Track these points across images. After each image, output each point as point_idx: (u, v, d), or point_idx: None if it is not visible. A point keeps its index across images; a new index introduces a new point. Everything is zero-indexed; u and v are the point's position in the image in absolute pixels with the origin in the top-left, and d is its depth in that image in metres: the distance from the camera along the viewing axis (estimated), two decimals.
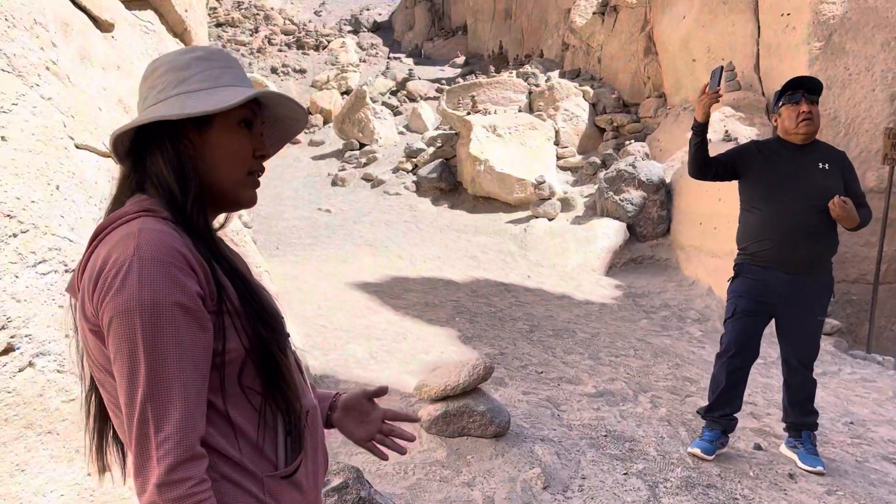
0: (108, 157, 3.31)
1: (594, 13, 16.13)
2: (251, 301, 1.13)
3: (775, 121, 3.76)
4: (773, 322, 3.72)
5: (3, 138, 2.61)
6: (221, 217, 1.31)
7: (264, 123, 1.30)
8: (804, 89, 3.60)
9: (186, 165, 1.14)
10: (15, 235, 2.46)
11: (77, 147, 3.03)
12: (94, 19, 4.09)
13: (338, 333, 5.54)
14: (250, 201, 1.26)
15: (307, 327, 5.49)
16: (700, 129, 3.63)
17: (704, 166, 3.72)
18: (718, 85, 3.51)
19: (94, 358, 1.09)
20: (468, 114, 14.12)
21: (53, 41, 3.28)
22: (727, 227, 8.46)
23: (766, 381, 5.46)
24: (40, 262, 2.54)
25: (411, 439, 1.50)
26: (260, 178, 1.28)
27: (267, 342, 1.13)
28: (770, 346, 5.21)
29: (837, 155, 3.71)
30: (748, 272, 3.68)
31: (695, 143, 3.66)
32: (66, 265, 2.66)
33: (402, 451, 1.47)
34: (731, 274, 3.83)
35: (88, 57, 3.66)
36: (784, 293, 3.55)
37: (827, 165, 3.58)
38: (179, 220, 1.10)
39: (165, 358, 0.98)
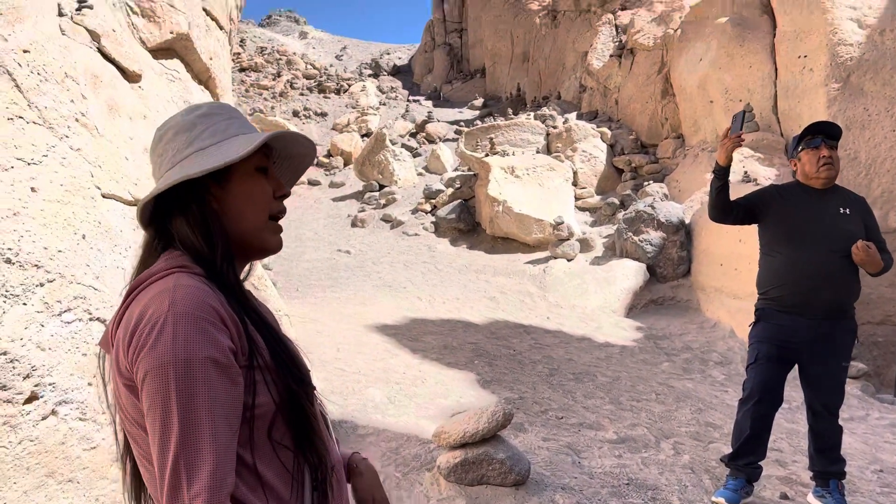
0: (133, 204, 3.38)
1: (611, 56, 16.32)
2: (281, 355, 1.15)
3: (794, 165, 3.75)
4: (796, 367, 3.66)
5: (33, 189, 2.68)
6: (246, 267, 1.33)
7: (275, 163, 1.34)
8: (823, 134, 3.60)
9: (213, 223, 1.17)
10: (42, 285, 2.50)
11: (103, 196, 3.10)
12: (123, 70, 4.22)
13: (356, 377, 5.53)
14: (276, 246, 1.28)
15: (326, 371, 5.49)
16: (722, 173, 3.61)
17: (726, 210, 3.70)
18: (741, 129, 3.50)
19: (126, 412, 1.10)
20: (486, 155, 14.24)
21: (83, 93, 3.38)
22: (748, 268, 8.39)
23: (791, 426, 5.34)
24: (65, 311, 2.58)
25: None
26: (281, 221, 1.31)
27: (298, 396, 1.14)
28: (794, 390, 5.11)
29: (857, 200, 3.68)
30: (770, 317, 3.63)
31: (716, 186, 3.65)
32: (90, 313, 2.69)
33: None
34: (753, 316, 3.78)
35: (116, 107, 3.76)
36: (807, 339, 3.50)
37: (847, 210, 3.56)
38: (211, 275, 1.13)
39: (198, 413, 0.98)
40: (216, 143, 1.19)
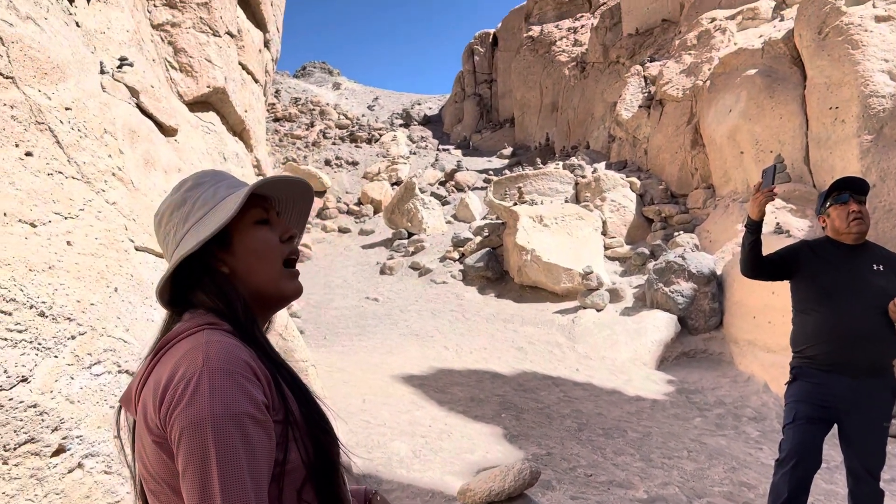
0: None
1: (640, 106, 16.41)
2: (311, 412, 1.15)
3: (823, 221, 3.70)
4: (835, 427, 3.54)
5: (68, 243, 2.74)
6: (269, 319, 1.34)
7: (280, 212, 1.34)
8: (851, 189, 3.55)
9: (226, 287, 1.19)
10: (73, 338, 2.54)
11: (136, 249, 3.16)
12: (160, 125, 4.35)
13: (381, 430, 5.47)
14: (295, 292, 1.28)
15: (351, 423, 5.44)
16: (754, 228, 3.58)
17: (758, 265, 3.66)
18: (772, 183, 3.47)
19: (150, 469, 1.09)
20: (515, 204, 14.29)
21: (121, 148, 3.48)
22: (781, 321, 8.22)
23: (829, 487, 5.14)
24: (95, 364, 2.61)
25: None
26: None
27: (328, 452, 1.14)
28: (832, 448, 4.94)
29: (890, 256, 3.61)
30: (808, 376, 3.54)
31: (749, 241, 3.61)
32: (119, 366, 2.72)
33: None
34: (788, 370, 3.69)
35: (152, 161, 3.86)
36: (846, 398, 3.40)
37: (881, 266, 3.49)
38: (237, 331, 1.13)
39: (239, 469, 0.97)
40: (209, 212, 1.20)
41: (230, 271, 1.21)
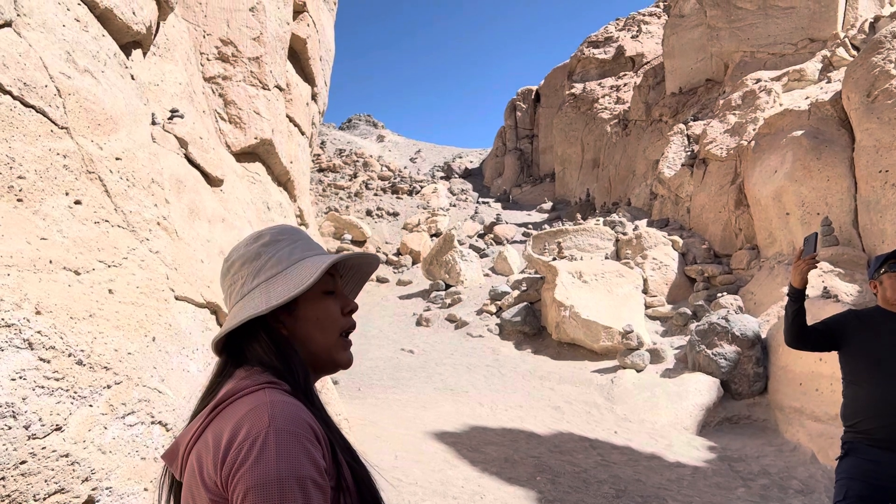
0: (204, 307, 3.46)
1: (682, 165, 16.31)
2: (362, 478, 1.14)
3: (874, 288, 3.56)
4: None
5: (110, 291, 2.76)
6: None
7: (342, 276, 1.35)
8: None
9: (289, 350, 1.18)
10: (109, 387, 2.54)
11: (176, 298, 3.18)
12: (206, 175, 4.44)
13: (413, 489, 5.34)
14: (348, 362, 1.28)
15: (382, 481, 5.33)
16: (797, 296, 3.48)
17: (802, 335, 3.54)
18: (814, 250, 3.39)
19: None
20: (554, 259, 14.19)
21: (167, 198, 3.55)
22: (829, 388, 7.90)
23: None
24: (129, 414, 2.60)
25: None
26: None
27: None
28: None
29: None
30: (861, 452, 3.36)
31: (792, 309, 3.50)
32: (152, 416, 2.71)
33: None
34: (836, 440, 3.52)
35: (196, 211, 3.93)
36: None
37: None
38: (298, 394, 1.12)
39: None
40: (281, 272, 1.20)
41: (289, 333, 1.21)
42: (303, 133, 8.92)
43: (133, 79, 3.72)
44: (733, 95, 15.90)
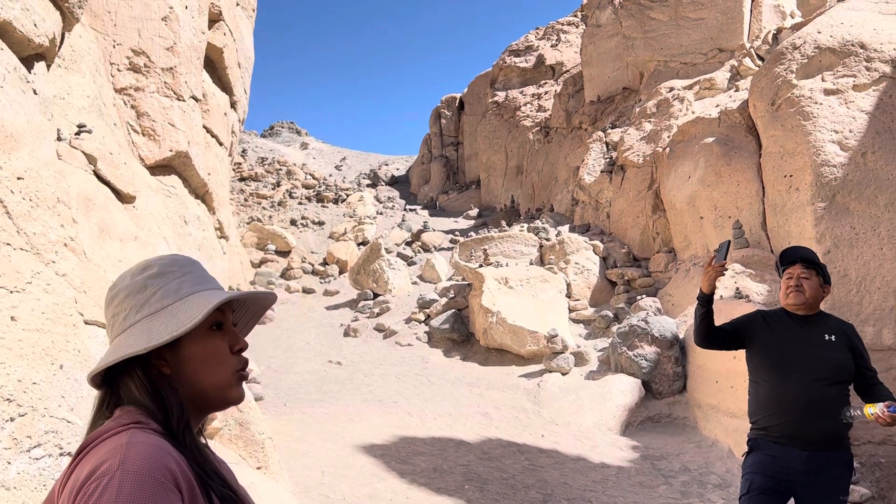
0: None
1: (602, 171, 16.77)
2: None
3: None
4: (792, 500, 3.51)
5: (12, 318, 2.63)
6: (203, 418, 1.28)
7: (235, 311, 1.30)
8: (799, 259, 3.63)
9: (163, 388, 1.14)
10: (12, 419, 2.42)
11: (86, 323, 3.06)
12: (117, 192, 4.28)
13: None
14: (239, 399, 1.23)
15: (309, 497, 5.26)
16: (706, 300, 3.65)
17: (710, 336, 3.72)
18: (725, 258, 3.55)
19: None
20: (480, 266, 14.34)
21: (74, 218, 3.40)
22: (743, 385, 8.25)
23: None
24: (35, 447, 2.48)
25: None
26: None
27: None
28: None
29: (845, 327, 3.66)
30: (763, 447, 3.55)
31: (700, 312, 3.67)
32: (60, 448, 2.59)
33: None
34: (748, 433, 3.69)
35: (107, 230, 3.78)
36: (802, 471, 3.39)
37: (833, 337, 3.53)
38: (167, 432, 1.08)
39: None
40: (167, 307, 1.16)
41: (172, 371, 1.16)
42: (221, 143, 8.73)
43: (36, 93, 3.56)
44: (648, 104, 16.47)
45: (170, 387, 1.14)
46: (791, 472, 3.41)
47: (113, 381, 1.16)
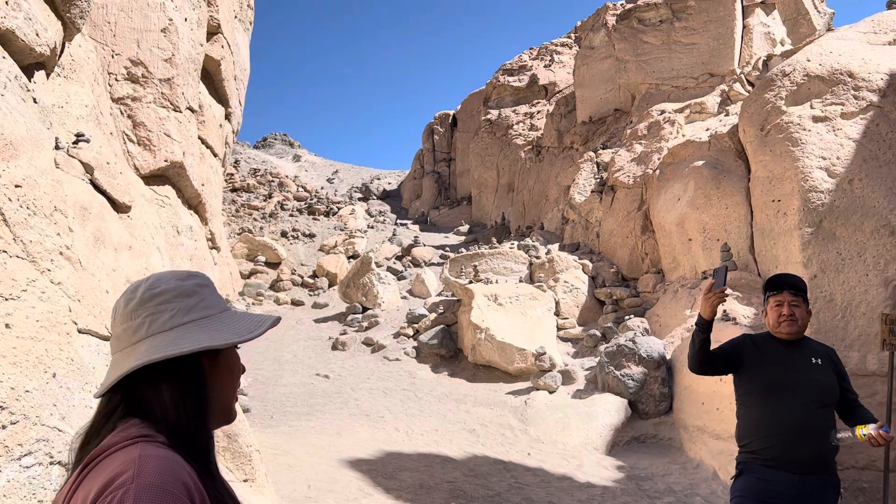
0: (109, 339, 3.34)
1: (592, 191, 16.89)
2: None
3: (764, 315, 3.80)
4: None
5: (7, 326, 2.65)
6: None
7: None
8: (787, 287, 3.66)
9: (202, 398, 1.15)
10: (4, 427, 2.43)
11: (80, 332, 3.07)
12: (113, 202, 4.30)
13: None
14: (235, 416, 1.28)
15: None
16: (706, 326, 3.63)
17: (706, 363, 3.71)
18: (724, 284, 3.55)
19: None
20: (470, 282, 14.37)
21: (70, 226, 3.42)
22: (729, 408, 8.30)
23: None
24: (26, 455, 2.49)
25: None
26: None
27: None
28: None
29: (828, 351, 3.72)
30: (752, 471, 3.56)
31: (699, 339, 3.65)
32: (51, 457, 2.60)
33: None
34: (735, 458, 3.71)
35: (102, 239, 3.80)
36: (792, 495, 3.42)
37: (819, 360, 3.58)
38: (177, 445, 1.09)
39: None
40: (211, 316, 1.19)
41: (207, 381, 1.19)
42: (215, 155, 8.75)
43: (36, 102, 3.59)
44: (639, 125, 16.64)
45: (206, 395, 1.16)
46: (781, 496, 3.43)
47: (131, 388, 1.15)
